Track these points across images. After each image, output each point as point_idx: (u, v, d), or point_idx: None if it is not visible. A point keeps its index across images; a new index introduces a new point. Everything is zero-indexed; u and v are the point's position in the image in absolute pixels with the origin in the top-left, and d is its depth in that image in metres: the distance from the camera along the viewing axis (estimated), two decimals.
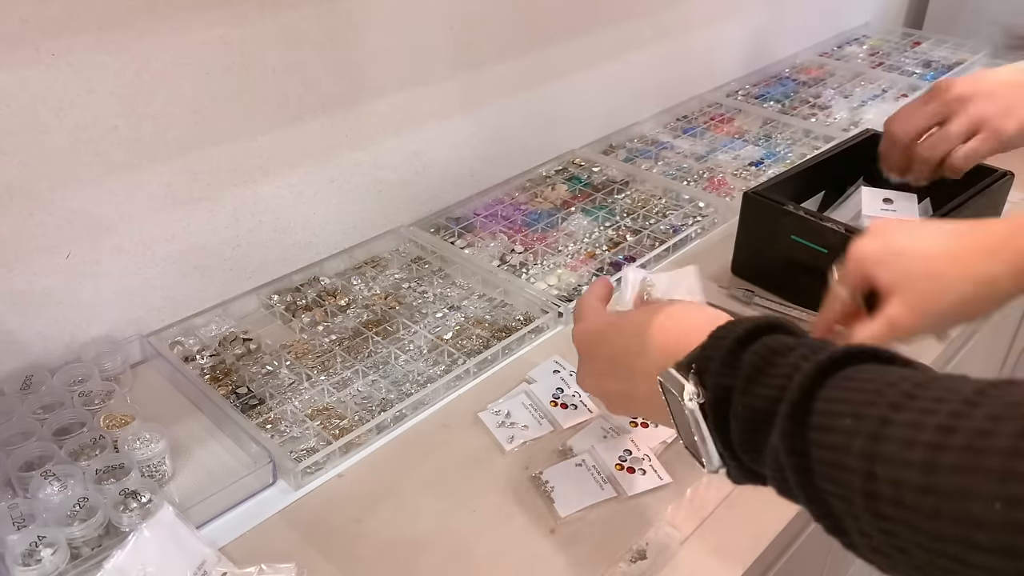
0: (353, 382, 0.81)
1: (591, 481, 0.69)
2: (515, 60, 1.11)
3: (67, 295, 0.79)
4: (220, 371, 0.82)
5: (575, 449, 0.72)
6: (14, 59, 0.68)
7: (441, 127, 1.06)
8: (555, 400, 0.79)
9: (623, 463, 0.70)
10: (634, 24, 1.27)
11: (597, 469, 0.70)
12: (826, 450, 0.38)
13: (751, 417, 0.43)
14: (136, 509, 0.65)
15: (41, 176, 0.73)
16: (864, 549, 0.38)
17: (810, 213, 0.90)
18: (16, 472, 0.67)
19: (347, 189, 0.98)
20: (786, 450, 0.40)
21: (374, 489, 0.71)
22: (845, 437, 0.37)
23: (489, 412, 0.77)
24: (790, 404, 0.40)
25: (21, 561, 0.60)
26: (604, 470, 0.70)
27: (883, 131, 0.91)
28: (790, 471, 0.40)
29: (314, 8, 0.86)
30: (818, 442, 0.38)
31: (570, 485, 0.69)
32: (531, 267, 0.99)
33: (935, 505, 0.33)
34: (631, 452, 0.71)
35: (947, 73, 1.57)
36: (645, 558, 0.64)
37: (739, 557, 0.65)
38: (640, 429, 0.74)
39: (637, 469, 0.70)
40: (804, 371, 0.40)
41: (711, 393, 0.45)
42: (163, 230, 0.83)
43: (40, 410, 0.73)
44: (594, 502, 0.67)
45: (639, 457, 0.71)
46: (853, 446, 0.36)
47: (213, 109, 0.82)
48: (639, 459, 0.71)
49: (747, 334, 0.45)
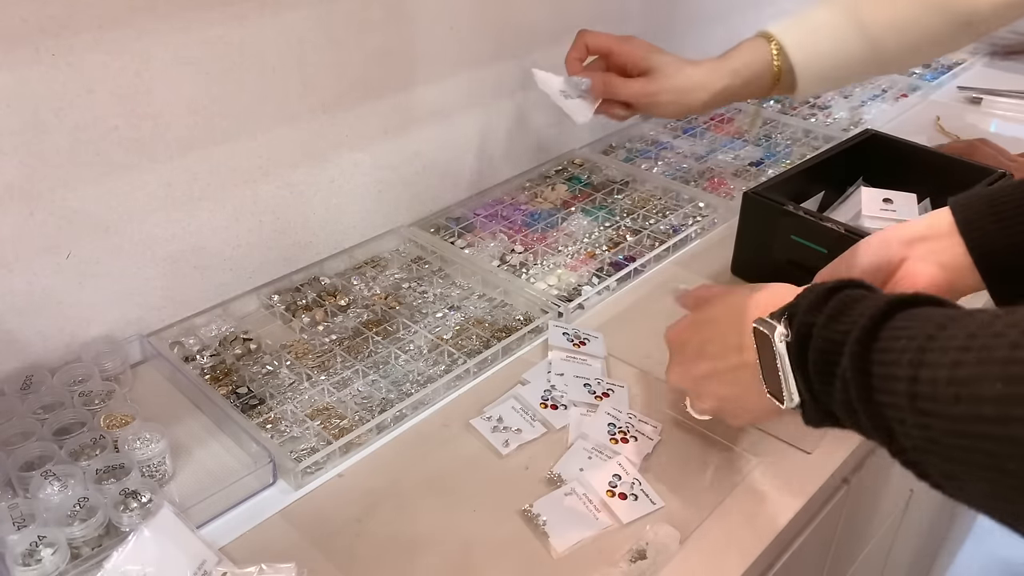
0: (353, 382, 0.81)
1: (584, 511, 0.68)
2: (515, 60, 1.11)
3: (67, 295, 0.79)
4: (220, 371, 0.82)
5: (563, 475, 0.71)
6: (14, 59, 0.68)
7: (441, 127, 1.06)
8: (544, 402, 0.79)
9: (614, 489, 0.69)
10: (632, 25, 1.27)
11: (588, 498, 0.69)
12: (883, 366, 0.45)
13: (826, 348, 0.50)
14: (136, 509, 0.65)
15: (41, 176, 0.73)
16: (911, 453, 0.45)
17: (810, 213, 0.90)
18: (16, 472, 0.67)
19: (347, 189, 0.98)
20: (852, 368, 0.47)
21: (374, 489, 0.71)
22: (899, 354, 0.44)
23: (481, 419, 0.77)
24: (860, 330, 0.47)
25: (21, 561, 0.60)
26: (595, 498, 0.69)
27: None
28: (854, 388, 0.47)
29: (314, 8, 0.86)
30: (878, 360, 0.46)
31: (563, 517, 0.67)
32: (531, 267, 0.99)
33: (956, 392, 0.40)
34: (620, 477, 0.70)
35: (947, 73, 1.57)
36: (645, 558, 0.64)
37: (739, 557, 0.65)
38: (622, 445, 0.73)
39: (629, 495, 0.69)
40: (873, 307, 0.48)
41: (796, 330, 0.53)
42: (163, 230, 0.83)
43: (40, 410, 0.73)
44: (591, 534, 0.66)
45: (629, 482, 0.70)
46: (903, 359, 0.44)
47: (213, 109, 0.82)
48: (629, 483, 0.69)
49: (835, 286, 0.53)
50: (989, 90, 1.50)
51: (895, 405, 0.44)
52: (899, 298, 0.48)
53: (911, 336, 0.44)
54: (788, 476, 0.72)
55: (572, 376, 0.81)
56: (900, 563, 1.36)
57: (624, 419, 0.76)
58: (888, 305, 0.47)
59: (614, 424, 0.76)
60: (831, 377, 0.50)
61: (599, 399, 0.79)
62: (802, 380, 0.53)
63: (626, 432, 0.75)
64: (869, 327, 0.47)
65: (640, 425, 0.76)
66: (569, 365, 0.83)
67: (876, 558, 1.18)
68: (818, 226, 0.87)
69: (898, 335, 0.45)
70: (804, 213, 0.89)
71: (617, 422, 0.76)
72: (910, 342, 0.44)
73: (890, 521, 1.14)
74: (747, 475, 0.72)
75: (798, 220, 0.89)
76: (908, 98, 1.48)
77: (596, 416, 0.77)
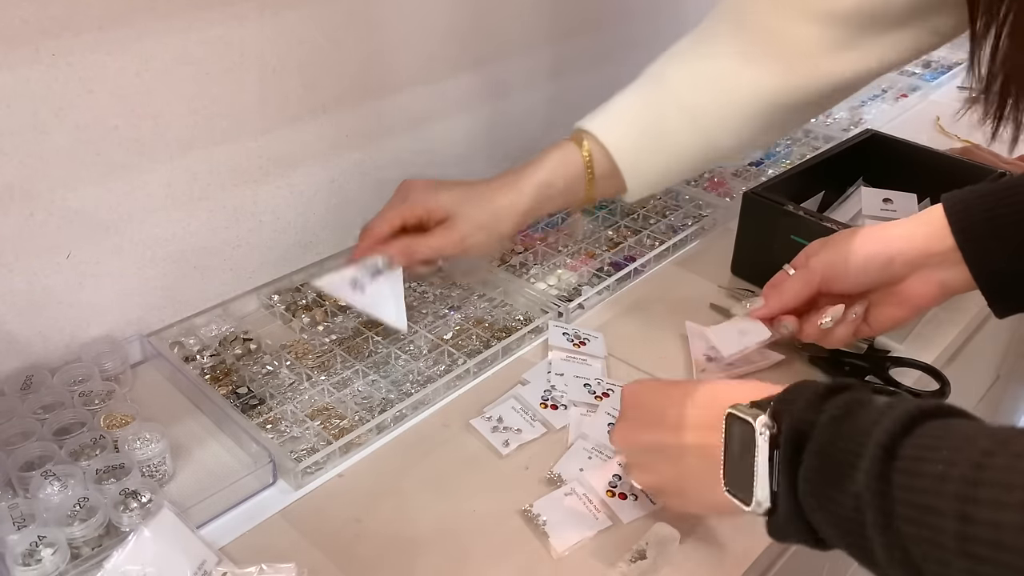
0: (353, 382, 0.81)
1: (584, 511, 0.67)
2: (515, 60, 1.11)
3: (67, 295, 0.79)
4: (220, 371, 0.82)
5: (563, 475, 0.71)
6: (14, 59, 0.68)
7: (441, 127, 1.06)
8: (544, 402, 0.79)
9: (614, 489, 0.69)
10: (633, 25, 1.27)
11: (588, 497, 0.68)
12: (914, 493, 0.38)
13: (830, 453, 0.43)
14: (136, 509, 0.65)
15: (41, 176, 0.73)
16: None
17: (810, 213, 0.90)
18: (16, 472, 0.67)
19: (347, 189, 0.98)
20: (872, 490, 0.40)
21: (374, 489, 0.71)
22: (936, 482, 0.38)
23: (482, 419, 0.77)
24: (878, 446, 0.40)
25: (21, 561, 0.60)
26: (596, 498, 0.68)
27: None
28: (871, 511, 0.40)
29: (314, 8, 0.86)
30: (905, 485, 0.39)
31: (563, 517, 0.67)
32: (531, 267, 0.99)
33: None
34: (620, 477, 0.70)
35: (947, 73, 1.57)
36: (645, 558, 0.64)
37: (739, 557, 0.65)
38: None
39: (629, 495, 0.69)
40: (893, 416, 0.41)
41: (792, 427, 0.46)
42: (163, 230, 0.83)
43: (40, 410, 0.73)
44: (591, 534, 0.66)
45: (629, 482, 0.69)
46: (945, 490, 0.37)
47: (213, 109, 0.82)
48: (629, 483, 0.69)
49: (830, 387, 0.47)
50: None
51: (932, 542, 0.38)
52: (918, 408, 0.41)
53: (948, 461, 0.38)
54: None
55: (572, 376, 0.81)
56: None
57: None
58: (908, 418, 0.41)
59: (614, 424, 0.75)
60: (832, 487, 0.43)
61: (599, 399, 0.79)
62: (785, 484, 0.46)
63: None
64: (887, 443, 0.40)
65: None
66: (569, 365, 0.83)
67: None
68: (818, 226, 0.87)
69: (929, 456, 0.39)
70: (804, 213, 0.89)
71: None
72: (949, 468, 0.38)
73: None
74: None
75: (798, 220, 0.89)
76: (908, 98, 1.48)
77: (596, 416, 0.77)
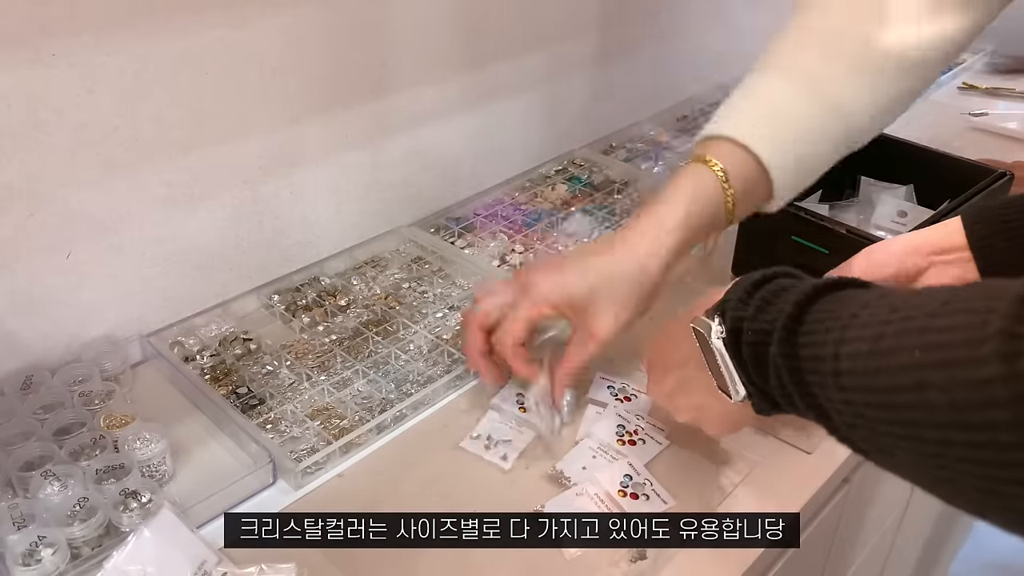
0: (353, 382, 0.81)
1: (595, 511, 0.67)
2: (515, 60, 1.11)
3: (67, 295, 0.79)
4: (220, 371, 0.82)
5: (566, 473, 0.71)
6: (14, 59, 0.68)
7: (441, 127, 1.06)
8: (521, 405, 0.78)
9: (625, 489, 0.69)
10: (633, 24, 1.27)
11: (599, 497, 0.68)
12: (810, 347, 0.46)
13: (757, 340, 0.51)
14: (136, 509, 0.65)
15: (41, 176, 0.73)
16: (842, 429, 0.46)
17: (811, 214, 0.90)
18: (16, 472, 0.67)
19: (347, 189, 0.98)
20: (781, 354, 0.48)
21: (374, 489, 0.71)
22: (823, 334, 0.45)
23: (471, 439, 0.75)
24: (786, 317, 0.48)
25: (21, 561, 0.60)
26: (607, 497, 0.68)
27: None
28: (785, 372, 0.48)
29: (314, 8, 0.86)
30: (805, 343, 0.47)
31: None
32: None
33: (877, 364, 0.41)
34: (631, 477, 0.70)
35: (946, 73, 1.57)
36: (645, 558, 0.64)
37: (739, 557, 0.65)
38: (628, 447, 0.73)
39: (640, 495, 0.68)
40: (799, 293, 0.48)
41: (729, 325, 0.53)
42: (163, 230, 0.83)
43: (40, 410, 0.73)
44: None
45: (640, 482, 0.69)
46: (828, 339, 0.45)
47: (213, 109, 0.82)
48: (640, 484, 0.69)
49: (760, 278, 0.54)
50: (990, 90, 1.50)
51: (822, 384, 0.45)
52: (825, 282, 0.49)
53: (836, 316, 0.45)
54: (788, 476, 0.72)
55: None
56: (900, 563, 1.36)
57: (634, 422, 0.76)
58: (814, 290, 0.48)
59: (623, 426, 0.76)
60: (765, 366, 0.50)
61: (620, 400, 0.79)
62: (742, 372, 0.54)
63: (633, 435, 0.75)
64: (794, 313, 0.48)
65: (650, 429, 0.75)
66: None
67: (876, 558, 1.18)
68: (819, 227, 0.87)
69: (823, 317, 0.46)
70: (805, 214, 0.89)
71: (627, 424, 0.76)
72: (835, 322, 0.45)
73: (890, 521, 1.14)
74: (747, 475, 0.72)
75: (799, 220, 0.89)
76: None
77: (606, 416, 0.77)
